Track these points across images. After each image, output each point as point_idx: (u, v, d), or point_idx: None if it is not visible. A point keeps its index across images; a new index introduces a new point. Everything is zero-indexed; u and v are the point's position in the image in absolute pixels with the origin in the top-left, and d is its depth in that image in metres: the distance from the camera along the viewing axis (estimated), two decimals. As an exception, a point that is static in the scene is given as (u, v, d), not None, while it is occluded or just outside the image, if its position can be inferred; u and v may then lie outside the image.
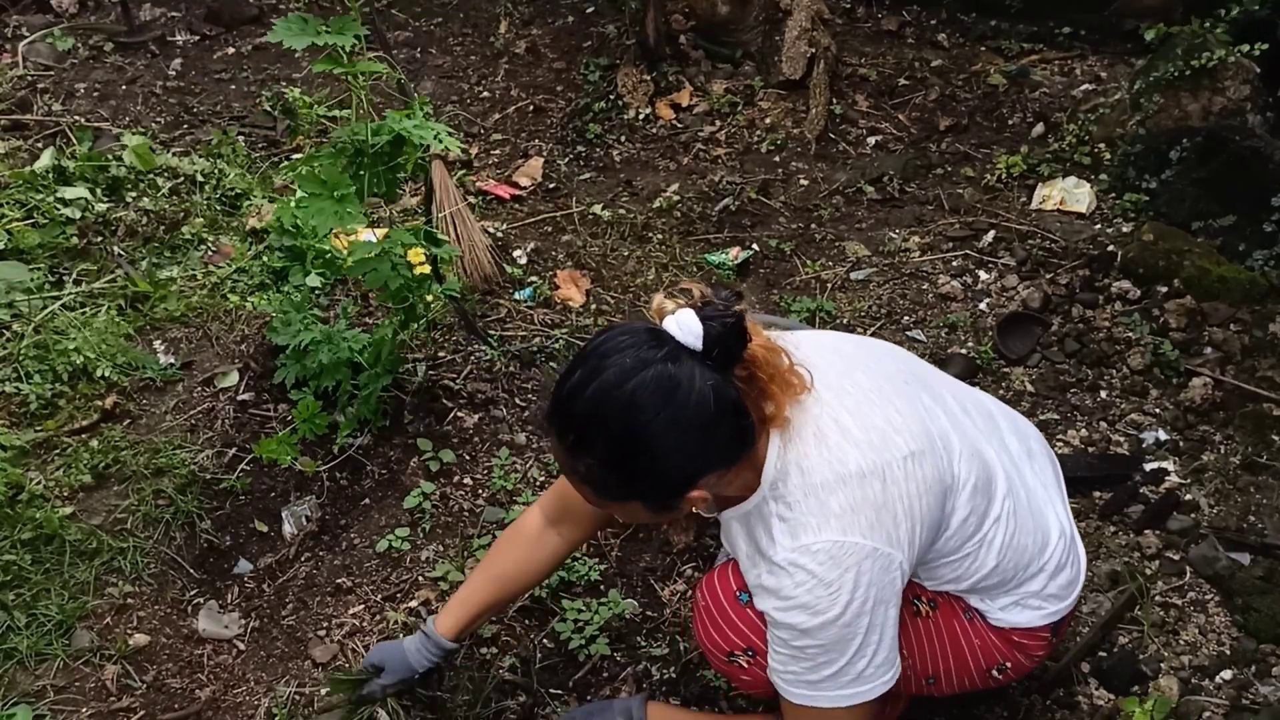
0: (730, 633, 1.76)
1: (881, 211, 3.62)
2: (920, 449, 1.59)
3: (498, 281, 3.30)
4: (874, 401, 1.62)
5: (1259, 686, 2.15)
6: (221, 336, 3.09)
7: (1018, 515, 1.73)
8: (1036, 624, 1.80)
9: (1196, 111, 3.37)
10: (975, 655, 1.82)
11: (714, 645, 1.79)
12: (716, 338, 1.46)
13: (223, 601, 2.47)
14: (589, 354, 1.51)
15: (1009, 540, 1.71)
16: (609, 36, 4.44)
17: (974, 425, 1.76)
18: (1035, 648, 1.83)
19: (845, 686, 1.58)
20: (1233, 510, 2.52)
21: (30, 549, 2.45)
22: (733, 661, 1.78)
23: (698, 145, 3.96)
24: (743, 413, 1.50)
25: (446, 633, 2.03)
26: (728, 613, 1.75)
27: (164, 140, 3.99)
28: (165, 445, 2.73)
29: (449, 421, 2.83)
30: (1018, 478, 1.78)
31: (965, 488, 1.65)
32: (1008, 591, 1.77)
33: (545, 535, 2.01)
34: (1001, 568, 1.72)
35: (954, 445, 1.66)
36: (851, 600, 1.52)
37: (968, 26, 4.54)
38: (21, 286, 3.11)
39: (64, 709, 2.21)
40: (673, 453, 1.48)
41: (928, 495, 1.58)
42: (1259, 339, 2.90)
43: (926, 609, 1.79)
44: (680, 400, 1.44)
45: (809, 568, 1.52)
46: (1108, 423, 2.77)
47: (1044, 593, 1.78)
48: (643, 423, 1.45)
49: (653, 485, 1.53)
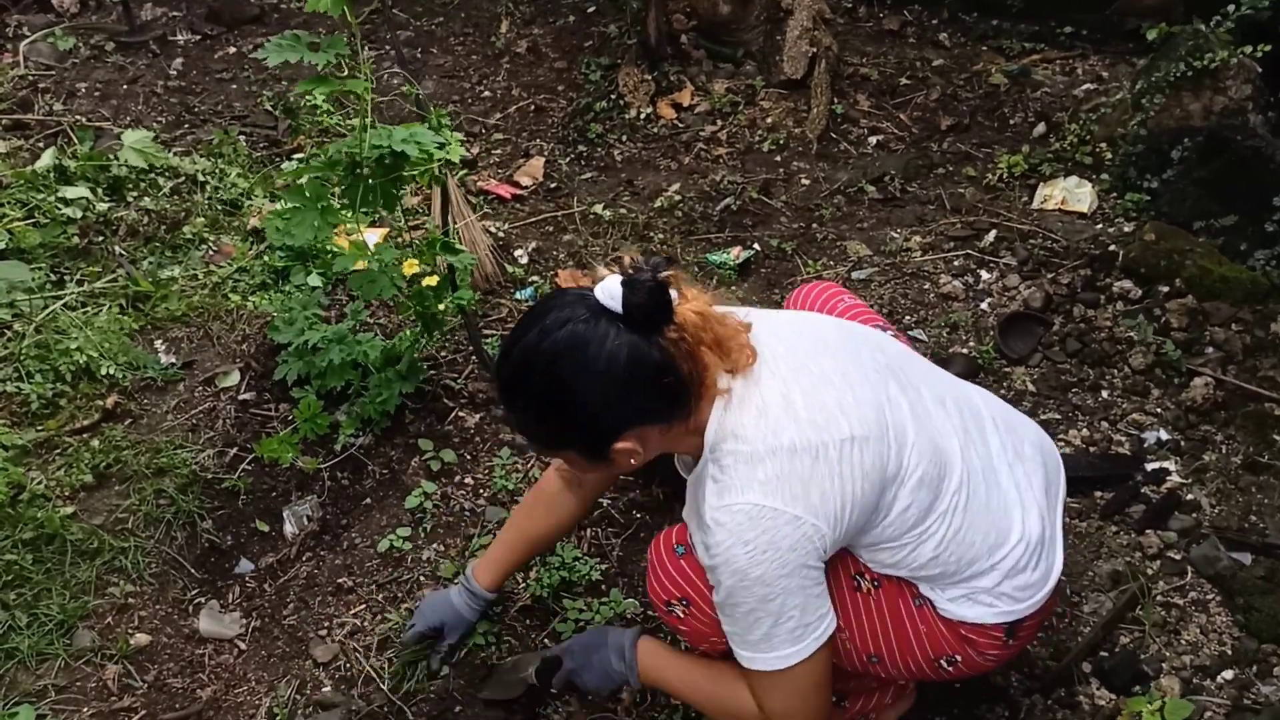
0: (668, 583, 1.85)
1: (883, 211, 3.62)
2: (864, 435, 1.63)
3: (499, 281, 3.30)
4: (831, 383, 1.66)
5: (1260, 686, 2.15)
6: (223, 336, 3.09)
7: (969, 511, 1.73)
8: (987, 620, 1.77)
9: (1198, 111, 3.37)
10: (921, 642, 1.80)
11: (655, 595, 1.88)
12: (635, 301, 1.55)
13: (224, 601, 2.47)
14: (524, 317, 1.67)
15: (952, 535, 1.72)
16: (610, 36, 4.44)
17: (946, 419, 1.77)
18: (987, 646, 1.80)
19: (779, 646, 1.64)
20: (1234, 510, 2.52)
21: (31, 549, 2.46)
22: (670, 611, 1.87)
23: (699, 145, 3.96)
24: (667, 373, 1.58)
25: (487, 586, 2.23)
26: (666, 565, 1.85)
27: (165, 140, 3.99)
28: (166, 445, 2.73)
29: (450, 421, 2.83)
30: (981, 475, 1.77)
31: (910, 479, 1.67)
32: (955, 584, 1.76)
33: (563, 496, 2.16)
34: (942, 560, 1.73)
35: (908, 437, 1.68)
36: (770, 561, 1.58)
37: (969, 26, 4.54)
38: (23, 286, 3.11)
39: (65, 709, 2.21)
40: (589, 405, 1.59)
41: (863, 479, 1.62)
42: (1260, 339, 2.90)
43: (869, 586, 1.79)
44: (591, 356, 1.56)
45: (729, 526, 1.59)
46: (1109, 422, 2.77)
47: (996, 590, 1.76)
48: (556, 375, 1.58)
49: (576, 435, 1.66)
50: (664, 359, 1.58)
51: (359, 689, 2.26)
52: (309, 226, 2.34)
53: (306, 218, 2.35)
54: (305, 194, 2.37)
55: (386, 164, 2.36)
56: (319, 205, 2.36)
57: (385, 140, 2.31)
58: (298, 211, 2.36)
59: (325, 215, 2.35)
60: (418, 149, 2.31)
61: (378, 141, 2.31)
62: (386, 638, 2.35)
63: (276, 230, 2.39)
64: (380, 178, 2.38)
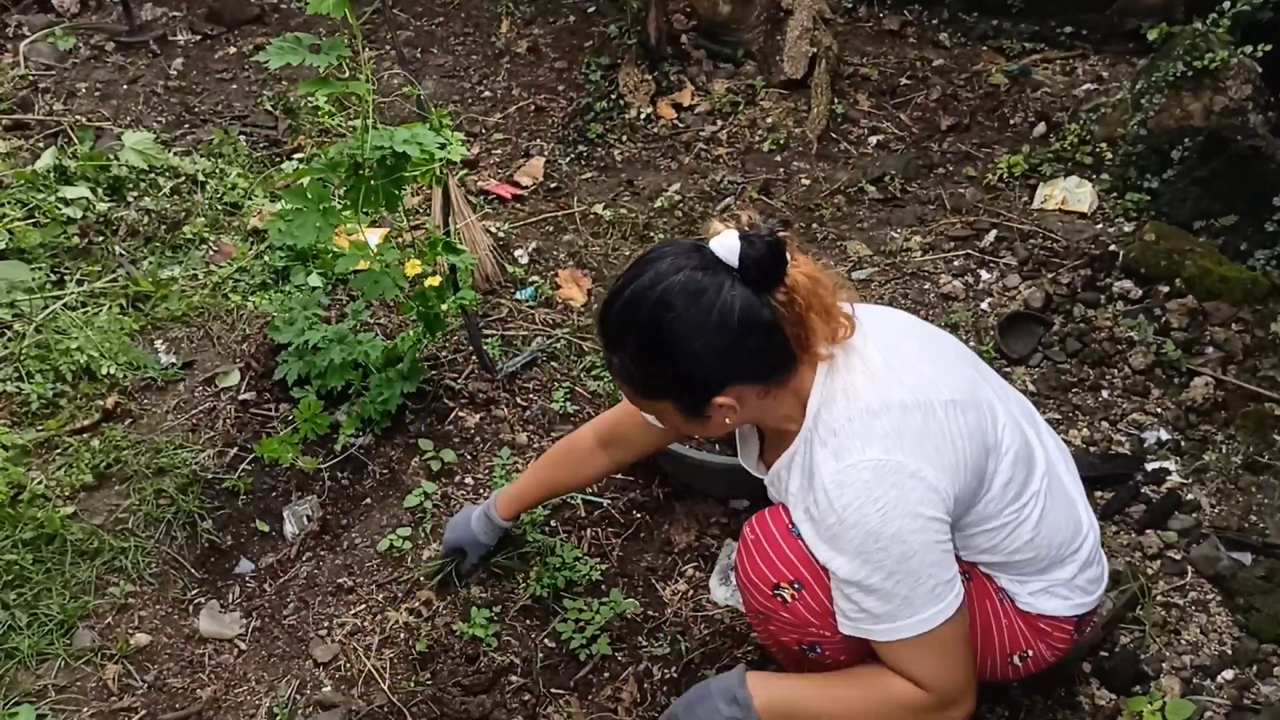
0: (780, 563, 1.73)
1: (883, 211, 3.62)
2: (964, 400, 1.64)
3: (499, 281, 3.30)
4: (923, 359, 1.69)
5: (1260, 686, 2.15)
6: (223, 336, 3.09)
7: (1053, 494, 1.76)
8: (1063, 614, 1.81)
9: (1198, 111, 3.36)
10: (1001, 636, 1.83)
11: (761, 578, 1.76)
12: (753, 257, 1.54)
13: (224, 601, 2.47)
14: (636, 261, 1.63)
15: (1045, 517, 1.74)
16: (610, 36, 4.44)
17: (1019, 409, 1.80)
18: (1059, 640, 1.85)
19: (923, 608, 1.59)
20: (1234, 510, 2.52)
21: (31, 548, 2.46)
22: (777, 595, 1.75)
23: (699, 145, 3.96)
24: (775, 332, 1.57)
25: (506, 515, 2.34)
26: (779, 543, 1.74)
27: (165, 140, 3.99)
28: (166, 445, 2.73)
29: (450, 421, 2.83)
30: (1054, 465, 1.81)
31: (1008, 453, 1.68)
32: (1040, 574, 1.79)
33: (594, 454, 2.20)
34: (1036, 543, 1.74)
35: (999, 413, 1.70)
36: (904, 516, 1.55)
37: (969, 26, 4.54)
38: (23, 286, 3.12)
39: (65, 708, 2.21)
40: (697, 355, 1.56)
41: (969, 440, 1.62)
42: (1260, 339, 2.90)
43: (961, 578, 1.78)
44: (705, 304, 1.54)
45: (856, 485, 1.56)
46: (1109, 422, 2.77)
47: (1073, 582, 1.80)
48: (667, 320, 1.55)
49: (678, 384, 1.62)
50: (774, 318, 1.57)
51: (359, 689, 2.26)
52: (311, 228, 2.36)
53: (309, 219, 2.37)
54: (307, 195, 2.38)
55: (388, 164, 2.36)
56: (321, 206, 2.37)
57: (387, 141, 2.31)
58: (300, 213, 2.37)
59: (327, 216, 2.36)
60: (419, 149, 2.31)
61: (380, 142, 2.31)
62: (387, 637, 2.35)
63: (279, 231, 2.41)
64: (382, 178, 2.38)
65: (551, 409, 2.86)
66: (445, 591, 2.43)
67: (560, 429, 2.81)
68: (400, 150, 2.30)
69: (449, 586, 2.43)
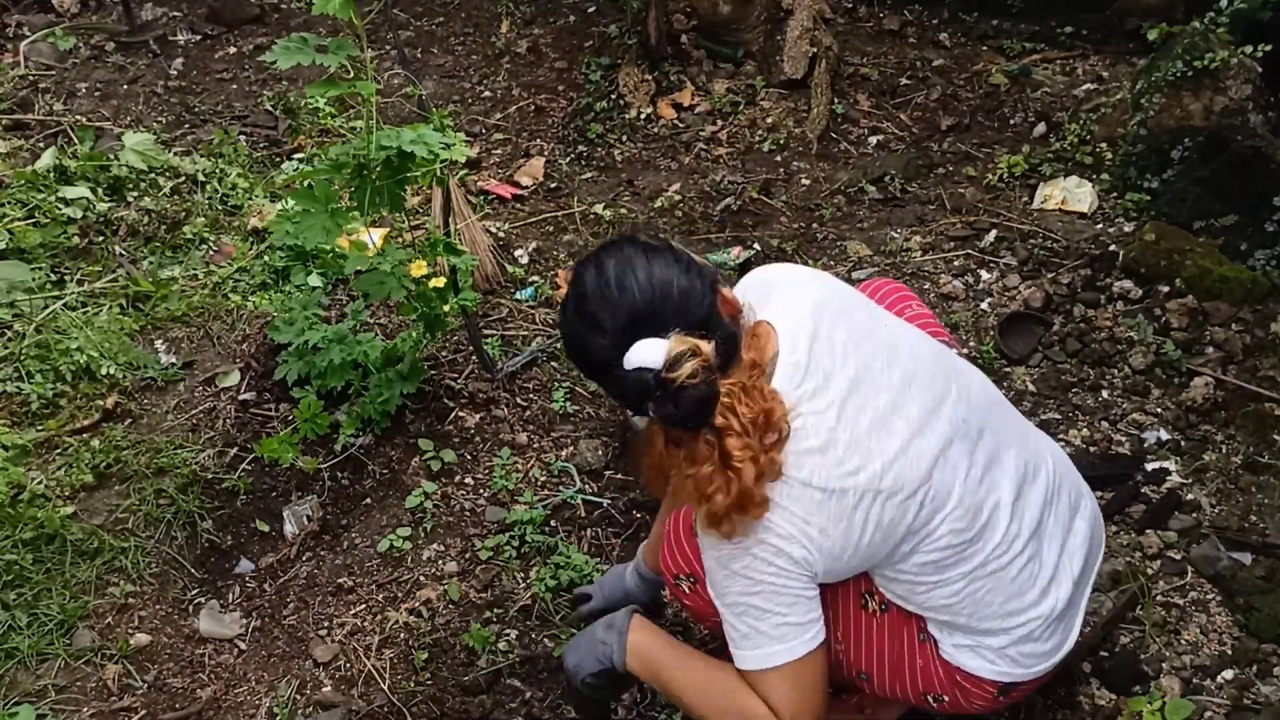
0: (679, 557, 1.88)
1: (883, 211, 3.62)
2: (894, 490, 1.57)
3: (499, 281, 3.30)
4: (889, 429, 1.59)
5: (1260, 686, 2.14)
6: (223, 336, 3.09)
7: (995, 578, 1.68)
8: (984, 674, 1.74)
9: (1198, 111, 3.36)
10: (914, 674, 1.79)
11: (667, 567, 1.92)
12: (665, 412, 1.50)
13: (224, 601, 2.47)
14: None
15: (969, 594, 1.68)
16: (610, 36, 4.44)
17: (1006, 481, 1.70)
18: (977, 697, 1.78)
19: (764, 644, 1.61)
20: (1234, 510, 2.52)
21: (31, 548, 2.46)
22: (679, 584, 1.91)
23: (699, 145, 3.96)
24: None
25: (652, 567, 2.22)
26: (681, 540, 1.88)
27: (165, 140, 3.99)
28: (166, 445, 2.73)
29: (450, 421, 2.83)
30: (1024, 543, 1.70)
31: (938, 540, 1.63)
32: (964, 634, 1.74)
33: None
34: (954, 609, 1.70)
35: (948, 502, 1.62)
36: (750, 560, 1.57)
37: (969, 26, 4.54)
38: (23, 286, 3.12)
39: (65, 708, 2.21)
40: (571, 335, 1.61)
41: (874, 532, 1.58)
42: (1261, 338, 2.90)
43: (876, 608, 1.77)
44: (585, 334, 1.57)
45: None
46: (1109, 422, 2.77)
47: (1003, 650, 1.73)
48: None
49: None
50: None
51: (359, 689, 2.26)
52: (319, 229, 2.34)
53: (315, 220, 2.35)
54: (314, 196, 2.37)
55: (393, 165, 2.36)
56: (328, 207, 2.36)
57: (394, 141, 2.31)
58: (306, 214, 2.36)
59: (335, 217, 2.35)
60: (426, 149, 2.31)
61: (386, 142, 2.31)
62: (387, 637, 2.35)
63: (286, 232, 2.40)
64: (386, 179, 2.38)
65: (551, 409, 2.86)
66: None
67: (560, 429, 2.81)
68: (407, 150, 2.30)
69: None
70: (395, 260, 2.50)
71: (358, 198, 2.37)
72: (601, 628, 1.92)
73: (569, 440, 2.78)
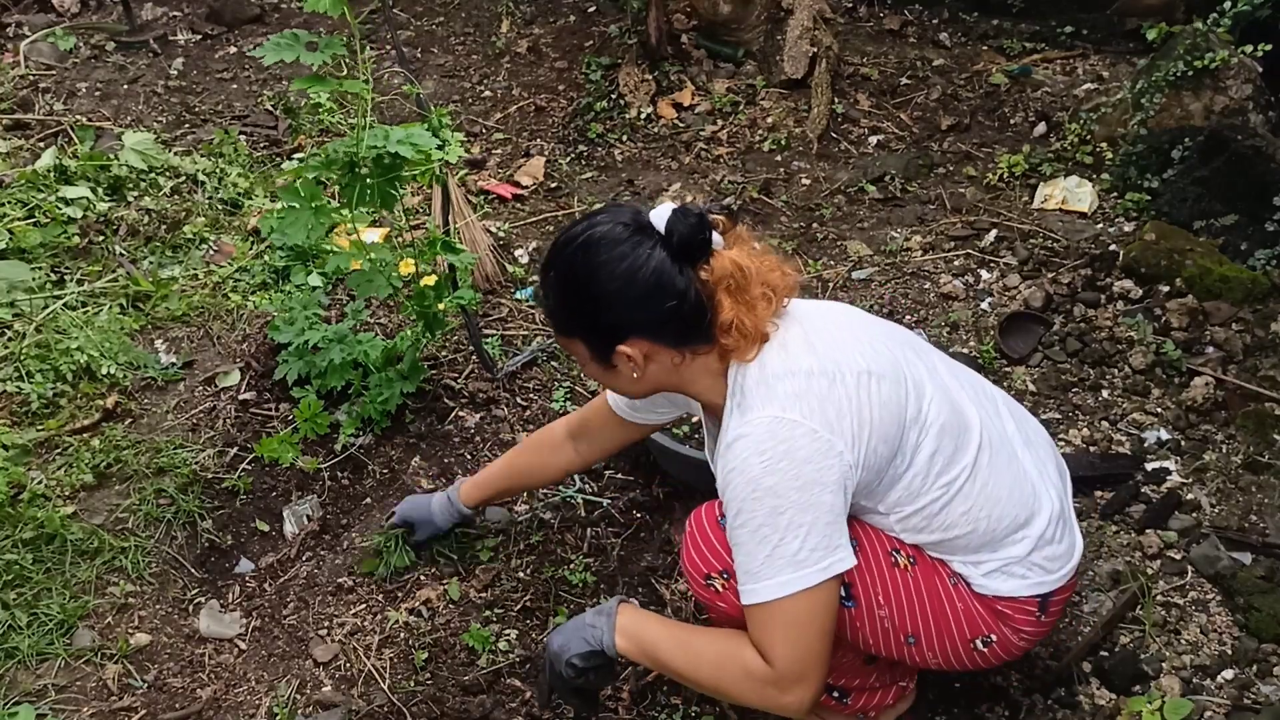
0: (709, 555, 1.83)
1: (883, 211, 3.62)
2: (881, 372, 1.69)
3: (499, 281, 3.30)
4: (846, 337, 1.74)
5: (1260, 686, 2.14)
6: (223, 336, 3.09)
7: (994, 469, 1.76)
8: (1022, 594, 1.79)
9: (1198, 111, 3.37)
10: (959, 620, 1.81)
11: (694, 568, 1.86)
12: (678, 228, 1.66)
13: (224, 601, 2.47)
14: (582, 216, 1.80)
15: (979, 491, 1.74)
16: (611, 36, 4.44)
17: (960, 388, 1.82)
18: (1022, 622, 1.82)
19: (781, 570, 1.61)
20: (1234, 510, 2.52)
21: (32, 548, 2.46)
22: (709, 584, 1.84)
23: (699, 144, 3.96)
24: (686, 300, 1.66)
25: (467, 502, 2.40)
26: (709, 535, 1.84)
27: (165, 140, 3.99)
28: (167, 444, 2.74)
29: (450, 421, 2.83)
30: (1004, 446, 1.81)
31: (932, 426, 1.71)
32: (988, 550, 1.78)
33: (563, 446, 2.28)
34: (973, 517, 1.74)
35: (925, 389, 1.73)
36: (784, 471, 1.60)
37: (970, 26, 4.54)
38: (23, 286, 3.12)
39: (65, 708, 2.21)
40: (604, 298, 1.68)
41: (880, 409, 1.66)
42: (1261, 338, 2.90)
43: (905, 562, 1.79)
44: (618, 255, 1.66)
45: (748, 438, 1.63)
46: (1109, 422, 2.77)
47: (1029, 560, 1.78)
48: (584, 262, 1.68)
49: (585, 322, 1.73)
50: (688, 286, 1.66)
51: (359, 689, 2.26)
52: (302, 226, 2.37)
53: (301, 217, 2.38)
54: (300, 193, 2.38)
55: (385, 164, 2.37)
56: (313, 205, 2.37)
57: (382, 141, 2.32)
58: (292, 211, 2.38)
59: (319, 215, 2.37)
60: (414, 150, 2.32)
61: (374, 142, 2.31)
62: (387, 637, 2.35)
63: (271, 229, 2.42)
64: (378, 177, 2.39)
65: (551, 408, 2.86)
66: (373, 563, 2.47)
67: (560, 429, 2.81)
68: (394, 150, 2.31)
69: (380, 557, 2.46)
70: (384, 258, 2.51)
71: (347, 195, 2.38)
72: (590, 614, 1.92)
73: (569, 440, 2.78)
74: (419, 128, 2.37)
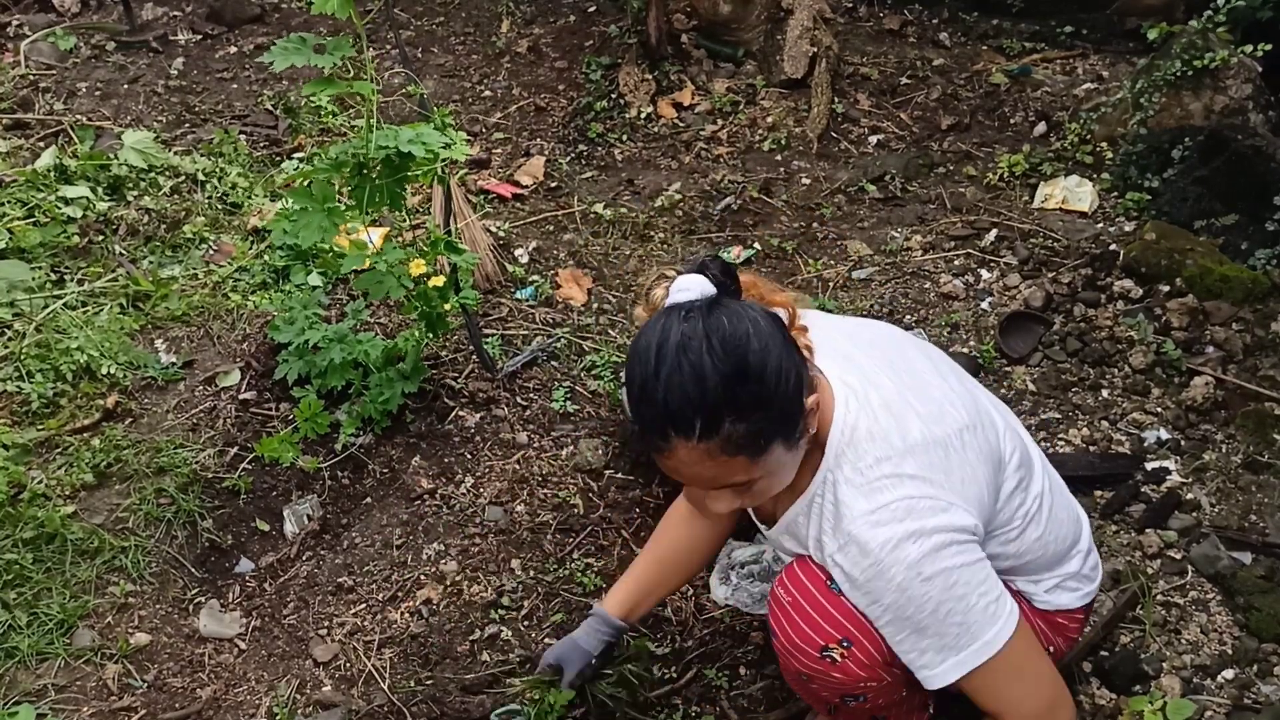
0: (825, 623, 1.64)
1: (883, 210, 3.62)
2: (973, 423, 1.65)
3: (499, 281, 3.30)
4: (929, 379, 1.69)
5: (1261, 686, 2.14)
6: (223, 335, 3.09)
7: (1055, 492, 1.81)
8: (1075, 605, 1.86)
9: (1198, 111, 3.37)
10: None
11: (807, 641, 1.66)
12: (719, 271, 1.53)
13: (224, 600, 2.47)
14: (639, 355, 1.47)
15: (1052, 512, 1.77)
16: (611, 36, 4.44)
17: (996, 408, 1.84)
18: (1072, 630, 1.90)
19: (983, 630, 1.54)
20: (1234, 509, 2.52)
21: (32, 548, 2.46)
22: (826, 656, 1.65)
23: (699, 144, 3.96)
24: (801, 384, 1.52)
25: (614, 610, 2.02)
26: (819, 601, 1.64)
27: (166, 139, 3.99)
28: (167, 444, 2.73)
29: (450, 420, 2.83)
30: (1045, 460, 1.86)
31: (1011, 461, 1.71)
32: (1051, 570, 1.82)
33: (695, 519, 2.02)
34: (1045, 540, 1.77)
35: (997, 422, 1.73)
36: (941, 544, 1.51)
37: (969, 25, 4.54)
38: (23, 285, 3.12)
39: (65, 708, 2.21)
40: (777, 366, 1.46)
41: (984, 465, 1.63)
42: (1261, 338, 2.90)
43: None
44: (749, 318, 1.46)
45: (891, 522, 1.52)
46: (1109, 422, 2.77)
47: (1080, 574, 1.85)
48: (741, 348, 1.43)
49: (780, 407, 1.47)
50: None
51: (359, 689, 2.26)
52: (315, 227, 2.35)
53: (313, 219, 2.35)
54: (311, 195, 2.37)
55: (392, 164, 2.37)
56: (325, 206, 2.36)
57: (391, 141, 2.31)
58: (304, 213, 2.36)
59: (332, 216, 2.36)
60: (424, 149, 2.32)
61: (384, 142, 2.31)
62: (387, 637, 2.35)
63: (283, 231, 2.39)
64: (386, 178, 2.38)
65: (551, 408, 2.86)
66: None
67: (560, 428, 2.81)
68: (405, 150, 2.30)
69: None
70: (395, 259, 2.50)
71: (357, 196, 2.38)
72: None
73: (569, 440, 2.78)
74: (427, 127, 2.37)
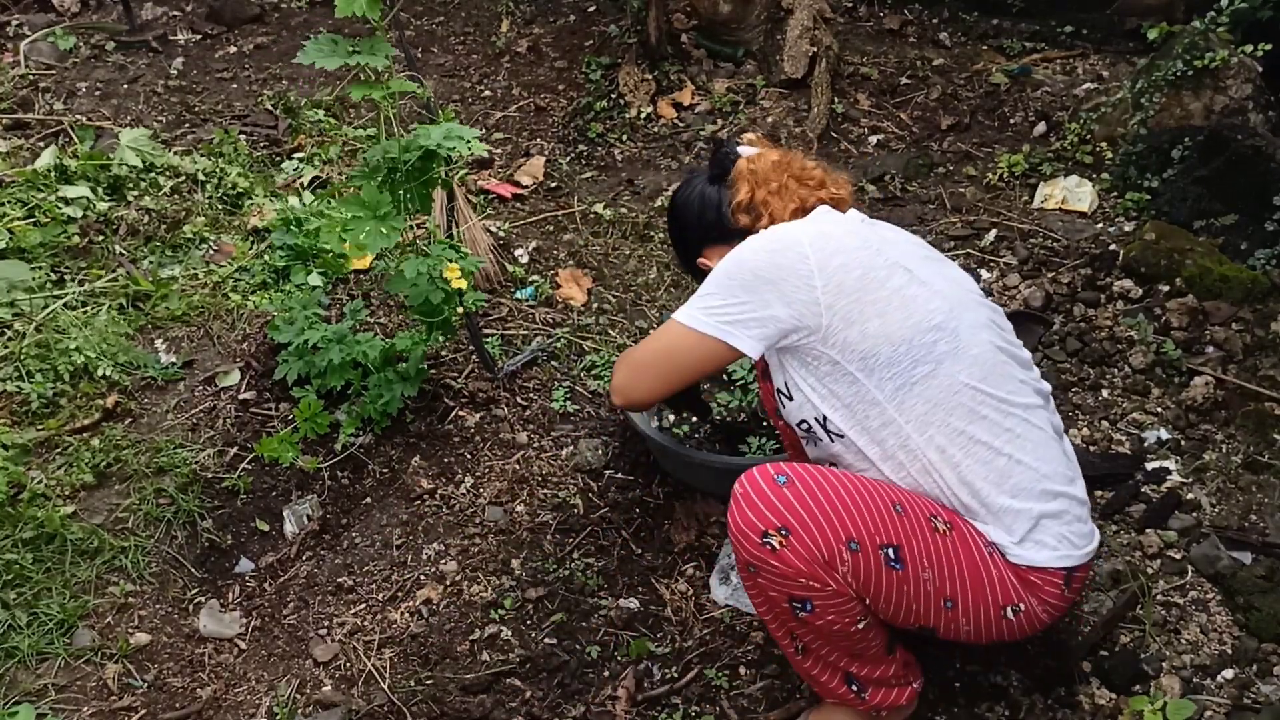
0: (767, 510, 1.81)
1: (883, 210, 3.62)
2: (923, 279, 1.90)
3: (499, 281, 3.30)
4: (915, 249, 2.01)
5: (1260, 686, 2.14)
6: (223, 335, 3.09)
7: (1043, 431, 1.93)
8: (1051, 564, 1.88)
9: (1198, 110, 3.37)
10: (993, 586, 1.87)
11: (749, 526, 1.82)
12: (712, 161, 2.18)
13: (224, 600, 2.47)
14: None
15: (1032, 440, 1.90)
16: (611, 35, 4.44)
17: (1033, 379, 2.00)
18: (1049, 593, 1.89)
19: (691, 306, 1.95)
20: (1234, 509, 2.52)
21: (32, 548, 2.46)
22: (765, 542, 1.81)
23: (699, 144, 3.96)
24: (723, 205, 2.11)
25: None
26: (765, 492, 1.83)
27: (166, 139, 3.99)
28: (166, 444, 2.74)
29: (450, 420, 2.83)
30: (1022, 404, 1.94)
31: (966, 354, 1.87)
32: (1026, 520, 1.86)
33: None
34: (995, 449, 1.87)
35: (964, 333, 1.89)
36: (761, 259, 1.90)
37: (969, 25, 4.54)
38: (23, 285, 3.12)
39: (65, 708, 2.21)
40: (685, 221, 2.20)
41: (901, 305, 1.86)
42: (1261, 338, 2.90)
43: (943, 527, 1.86)
44: (684, 190, 2.22)
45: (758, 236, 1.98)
46: (1109, 422, 2.77)
47: (1060, 532, 1.89)
48: (673, 203, 2.26)
49: (682, 251, 2.24)
50: (718, 197, 2.11)
51: (359, 689, 2.26)
52: (375, 234, 2.33)
53: (372, 226, 2.34)
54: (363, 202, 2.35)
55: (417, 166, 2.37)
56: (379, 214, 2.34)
57: (424, 140, 2.32)
58: (358, 220, 2.34)
59: (385, 222, 2.34)
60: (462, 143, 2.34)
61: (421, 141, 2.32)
62: (387, 637, 2.35)
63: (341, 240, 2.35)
64: (414, 180, 2.39)
65: (551, 408, 2.86)
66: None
67: (560, 428, 2.81)
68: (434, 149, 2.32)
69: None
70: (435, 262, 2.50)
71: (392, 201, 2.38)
72: None
73: (569, 440, 2.78)
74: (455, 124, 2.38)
